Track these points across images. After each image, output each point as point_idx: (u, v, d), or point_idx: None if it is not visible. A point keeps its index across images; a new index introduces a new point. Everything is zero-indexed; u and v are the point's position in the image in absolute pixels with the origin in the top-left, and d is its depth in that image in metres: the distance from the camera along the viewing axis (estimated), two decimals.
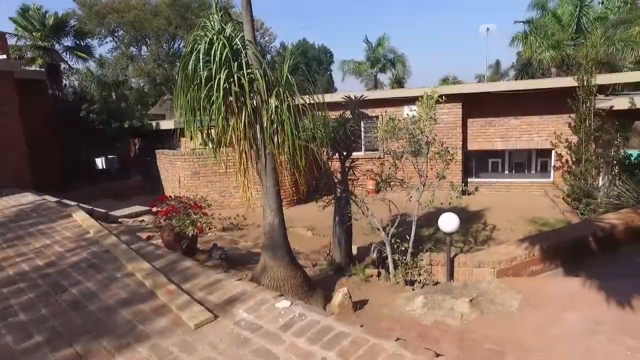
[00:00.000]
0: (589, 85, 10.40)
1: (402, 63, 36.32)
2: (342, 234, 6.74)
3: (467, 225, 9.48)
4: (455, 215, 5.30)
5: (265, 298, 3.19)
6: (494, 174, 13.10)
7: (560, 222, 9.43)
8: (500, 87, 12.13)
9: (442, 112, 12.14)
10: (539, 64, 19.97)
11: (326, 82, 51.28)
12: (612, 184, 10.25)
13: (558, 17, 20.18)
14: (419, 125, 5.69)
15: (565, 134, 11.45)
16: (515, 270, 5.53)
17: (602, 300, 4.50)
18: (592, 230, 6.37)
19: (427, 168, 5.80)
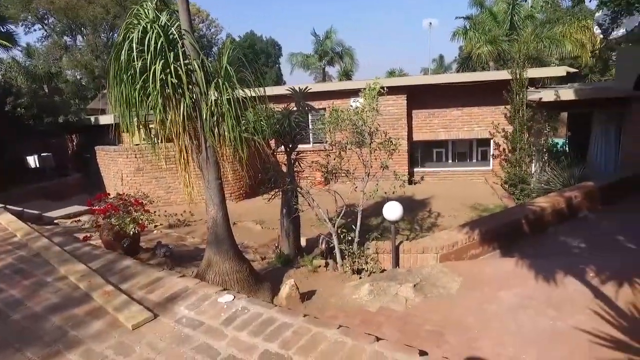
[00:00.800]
0: (521, 78, 11.03)
1: (350, 56, 36.74)
2: (290, 226, 6.74)
3: (413, 213, 9.80)
4: (399, 204, 5.46)
5: (207, 293, 3.12)
6: (439, 163, 13.62)
7: (499, 207, 9.98)
8: (442, 80, 12.60)
9: (387, 104, 12.47)
10: (478, 58, 20.91)
11: (275, 75, 50.81)
12: (542, 170, 10.98)
13: (494, 14, 21.24)
14: (362, 117, 5.78)
15: (502, 124, 12.11)
16: (457, 254, 5.79)
17: (532, 277, 4.83)
18: (525, 214, 6.81)
19: (371, 159, 5.91)
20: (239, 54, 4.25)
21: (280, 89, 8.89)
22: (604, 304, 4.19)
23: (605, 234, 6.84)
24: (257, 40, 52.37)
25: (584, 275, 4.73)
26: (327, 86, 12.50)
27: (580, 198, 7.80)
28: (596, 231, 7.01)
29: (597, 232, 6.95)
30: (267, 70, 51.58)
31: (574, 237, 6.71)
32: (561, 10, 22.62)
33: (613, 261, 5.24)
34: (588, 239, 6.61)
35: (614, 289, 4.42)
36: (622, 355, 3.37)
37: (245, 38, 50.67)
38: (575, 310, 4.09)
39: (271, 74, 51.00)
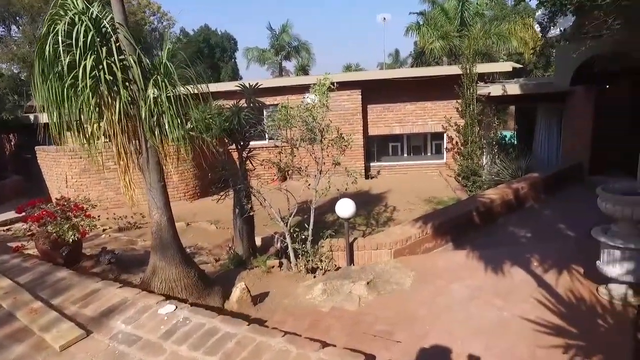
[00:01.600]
0: (471, 73, 11.35)
1: (306, 51, 36.57)
2: (243, 226, 6.58)
3: (369, 208, 9.87)
4: (351, 201, 5.42)
5: (147, 304, 2.94)
6: (395, 157, 13.80)
7: (452, 199, 10.23)
8: (395, 75, 12.75)
9: (342, 99, 12.48)
10: (431, 53, 21.38)
11: (231, 70, 49.73)
12: (493, 162, 11.37)
13: (445, 10, 21.76)
14: (312, 113, 5.67)
15: (454, 118, 12.43)
16: (410, 249, 5.85)
17: (482, 269, 4.96)
18: (476, 206, 7.00)
19: (323, 155, 5.83)
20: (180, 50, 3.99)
21: (230, 85, 8.66)
22: (546, 291, 4.36)
23: (548, 223, 7.16)
24: (212, 34, 51.04)
25: (529, 265, 4.91)
26: (281, 81, 12.33)
27: (527, 189, 8.13)
28: (540, 220, 7.33)
29: (541, 222, 7.27)
30: (222, 66, 50.47)
31: (521, 227, 6.98)
32: (507, 9, 23.54)
33: (555, 249, 5.47)
34: (533, 228, 6.89)
35: (554, 276, 4.61)
36: (561, 341, 3.50)
37: (199, 32, 49.23)
38: (521, 299, 4.22)
39: (227, 69, 49.89)
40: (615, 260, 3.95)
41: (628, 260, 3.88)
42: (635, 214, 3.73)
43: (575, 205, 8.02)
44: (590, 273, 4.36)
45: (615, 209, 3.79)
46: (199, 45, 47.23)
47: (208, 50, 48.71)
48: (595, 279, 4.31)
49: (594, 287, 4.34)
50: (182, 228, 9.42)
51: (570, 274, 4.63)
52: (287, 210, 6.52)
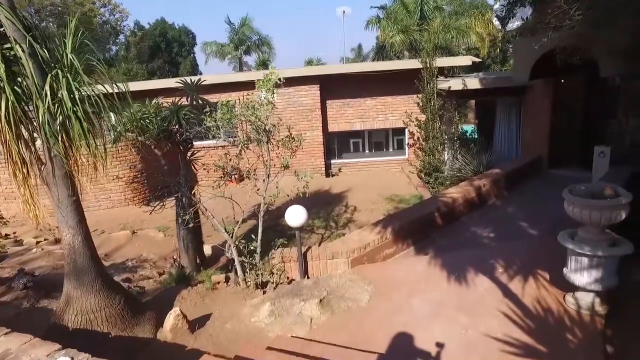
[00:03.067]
0: (431, 67, 11.10)
1: (267, 45, 35.71)
2: (188, 236, 5.97)
3: (329, 208, 9.44)
4: (302, 209, 4.93)
5: (35, 358, 2.34)
6: (356, 153, 13.43)
7: (415, 197, 9.96)
8: (354, 69, 12.33)
9: (300, 95, 11.97)
10: (392, 47, 21.18)
11: (190, 65, 48.09)
12: (454, 158, 11.19)
13: (405, 4, 21.58)
14: (255, 112, 5.08)
15: (415, 113, 12.17)
16: (369, 256, 5.44)
17: (444, 279, 4.59)
18: (437, 206, 6.68)
19: (270, 158, 5.28)
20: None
21: (171, 81, 7.95)
22: (512, 302, 4.04)
23: (510, 220, 6.95)
24: (169, 28, 49.13)
25: (494, 272, 4.59)
26: (229, 77, 11.58)
27: (489, 186, 7.92)
28: (503, 218, 7.11)
29: (504, 219, 7.05)
30: (181, 60, 48.71)
31: (484, 226, 6.72)
32: (466, 4, 23.72)
33: (519, 252, 5.21)
34: (496, 227, 6.65)
35: (520, 284, 4.31)
36: None
37: (155, 25, 47.22)
38: (487, 314, 3.88)
39: (186, 64, 48.22)
40: (582, 268, 3.66)
41: (596, 268, 3.60)
42: (603, 218, 3.43)
43: (537, 200, 7.90)
44: (556, 278, 4.07)
45: (583, 213, 3.49)
46: (155, 39, 45.38)
47: (165, 45, 46.91)
48: (561, 285, 4.03)
49: (560, 294, 4.07)
50: (128, 237, 8.68)
51: (536, 281, 4.34)
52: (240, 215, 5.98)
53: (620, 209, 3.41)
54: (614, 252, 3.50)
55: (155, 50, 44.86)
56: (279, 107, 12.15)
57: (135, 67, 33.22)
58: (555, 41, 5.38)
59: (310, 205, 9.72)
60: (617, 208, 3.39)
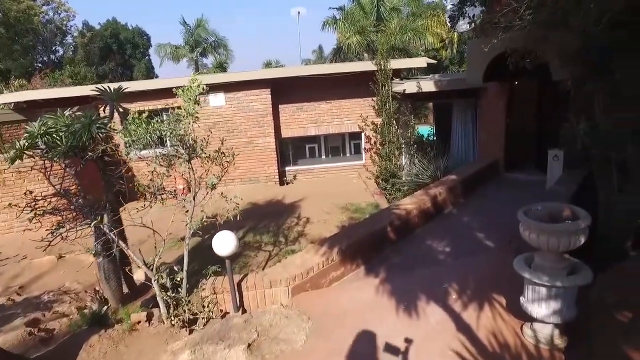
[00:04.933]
0: (385, 69, 10.72)
1: (224, 47, 34.80)
2: (109, 266, 5.20)
3: (280, 220, 8.83)
4: (232, 235, 4.29)
5: None
6: (312, 159, 12.88)
7: (371, 205, 9.52)
8: (307, 72, 11.77)
9: (251, 100, 11.33)
10: (349, 48, 20.87)
11: (145, 68, 46.22)
12: (411, 163, 10.86)
13: (362, 5, 21.31)
14: (172, 127, 4.34)
15: (371, 117, 11.78)
16: (313, 281, 4.88)
17: (393, 308, 4.10)
18: (390, 220, 6.21)
19: (194, 176, 4.58)
20: None
21: (85, 89, 7.10)
22: (466, 337, 3.58)
23: (467, 231, 6.59)
24: (122, 29, 47.03)
25: (447, 299, 4.14)
26: (162, 83, 10.64)
27: (445, 194, 7.56)
28: (459, 229, 6.74)
29: (461, 230, 6.68)
30: (135, 63, 46.69)
31: (439, 239, 6.33)
32: (423, 5, 23.72)
33: (475, 270, 4.81)
34: (453, 239, 6.27)
35: (475, 313, 3.87)
36: None
37: (106, 26, 45.03)
38: (438, 353, 3.40)
39: (140, 66, 46.29)
40: (540, 299, 3.24)
41: (554, 299, 3.19)
42: (562, 245, 3.02)
43: (493, 206, 7.62)
44: (513, 303, 3.66)
45: (540, 240, 3.06)
46: (107, 40, 43.24)
47: (118, 47, 44.82)
48: (518, 312, 3.61)
49: (518, 324, 3.66)
50: (52, 263, 7.75)
51: (492, 308, 3.91)
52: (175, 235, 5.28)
53: (579, 233, 3.00)
54: (574, 282, 3.10)
55: (106, 52, 42.75)
56: (228, 113, 11.50)
57: (83, 70, 31.31)
58: (506, 42, 5.04)
59: (261, 218, 9.16)
60: (576, 233, 2.99)
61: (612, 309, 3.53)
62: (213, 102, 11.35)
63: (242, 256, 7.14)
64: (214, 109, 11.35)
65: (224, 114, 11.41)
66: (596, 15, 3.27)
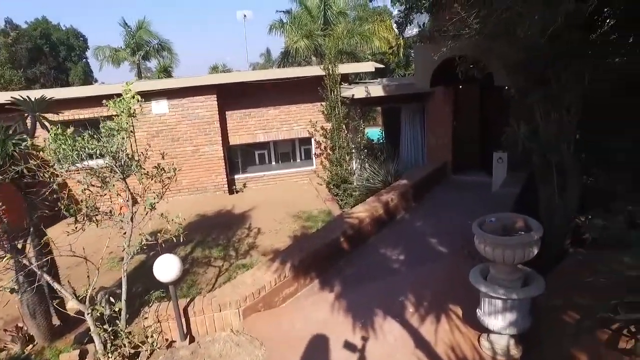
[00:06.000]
0: (333, 74, 10.65)
1: (168, 50, 33.38)
2: (35, 297, 4.65)
3: (230, 233, 8.46)
4: (176, 259, 3.93)
5: None
6: (262, 166, 12.55)
7: (323, 213, 9.38)
8: (254, 77, 11.44)
9: (196, 106, 10.84)
10: (297, 52, 20.73)
11: (82, 72, 43.48)
12: (362, 167, 10.85)
13: (308, 8, 21.22)
14: (101, 143, 3.89)
15: (321, 122, 11.65)
16: (266, 301, 4.63)
17: (349, 327, 3.95)
18: (343, 230, 6.08)
19: (129, 196, 4.18)
20: None
21: (6, 95, 6.42)
22: (425, 354, 3.50)
23: (420, 237, 6.59)
24: (54, 29, 43.97)
25: (404, 313, 4.05)
26: (105, 89, 9.87)
27: (397, 200, 7.55)
28: (413, 235, 6.74)
29: (414, 236, 6.68)
30: (71, 66, 43.81)
31: (393, 247, 6.28)
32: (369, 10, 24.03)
33: (431, 279, 4.78)
34: (406, 246, 6.24)
35: (433, 327, 3.80)
36: None
37: (34, 25, 41.87)
38: None
39: (77, 70, 43.49)
40: (497, 312, 3.21)
41: (510, 311, 3.17)
42: (516, 257, 3.00)
43: (444, 210, 7.72)
44: (470, 313, 3.62)
45: (496, 253, 3.02)
46: (36, 41, 40.18)
47: (50, 48, 41.79)
48: (474, 323, 3.58)
49: (475, 336, 3.62)
50: None
51: (449, 319, 3.86)
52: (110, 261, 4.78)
53: (532, 245, 3.00)
54: (528, 293, 3.09)
55: (36, 54, 39.68)
56: (172, 121, 10.91)
57: (8, 73, 28.83)
58: (455, 50, 5.07)
59: (210, 230, 8.73)
60: (530, 245, 2.98)
61: (559, 311, 3.59)
62: (156, 109, 10.74)
63: (190, 274, 6.73)
64: (157, 117, 10.75)
65: (168, 122, 10.83)
66: (539, 28, 3.30)
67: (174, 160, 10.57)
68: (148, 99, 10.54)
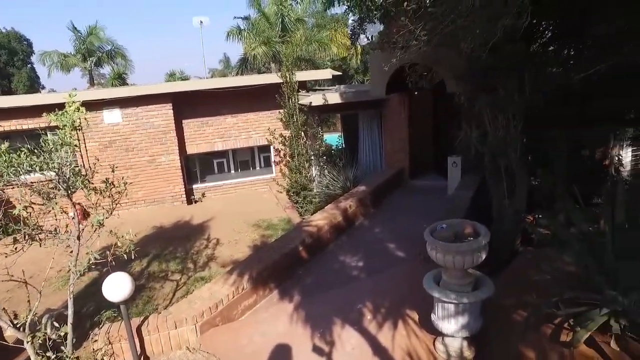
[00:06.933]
0: (291, 82, 10.66)
1: (122, 56, 32.20)
2: None
3: (189, 245, 8.25)
4: (127, 276, 3.77)
5: None
6: (221, 175, 12.35)
7: (283, 221, 9.33)
8: (210, 85, 11.25)
9: (151, 116, 10.53)
10: (255, 59, 20.62)
11: (27, 78, 41.17)
12: (322, 174, 10.90)
13: (266, 15, 21.16)
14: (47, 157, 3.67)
15: (279, 129, 11.61)
16: (224, 315, 4.53)
17: (308, 338, 3.94)
18: (302, 239, 6.06)
19: (76, 213, 3.98)
20: None
21: None
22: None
23: (379, 243, 6.69)
24: None
25: (362, 320, 4.08)
26: (51, 98, 9.35)
27: (355, 206, 7.63)
28: (371, 241, 6.83)
29: (372, 242, 6.77)
30: (14, 72, 41.38)
31: (352, 254, 6.33)
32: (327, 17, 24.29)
33: (388, 285, 4.85)
34: (365, 252, 6.31)
35: (390, 333, 3.85)
36: None
37: None
38: None
39: (21, 76, 41.11)
40: (450, 316, 3.30)
41: (462, 315, 3.27)
42: (466, 262, 3.10)
43: (402, 216, 7.87)
44: (425, 317, 3.70)
45: (447, 259, 3.11)
46: None
47: None
48: (430, 327, 3.66)
49: (431, 340, 3.71)
50: None
51: (406, 325, 3.93)
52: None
53: (481, 250, 3.11)
54: (479, 296, 3.20)
55: None
56: (126, 131, 10.53)
57: None
58: (406, 60, 5.20)
59: (167, 242, 8.46)
60: (478, 250, 3.09)
61: (509, 310, 3.75)
62: (108, 118, 10.33)
63: (145, 289, 6.50)
64: (110, 127, 10.34)
65: (122, 132, 10.45)
66: (481, 40, 3.45)
67: (128, 171, 10.39)
68: (100, 108, 10.16)
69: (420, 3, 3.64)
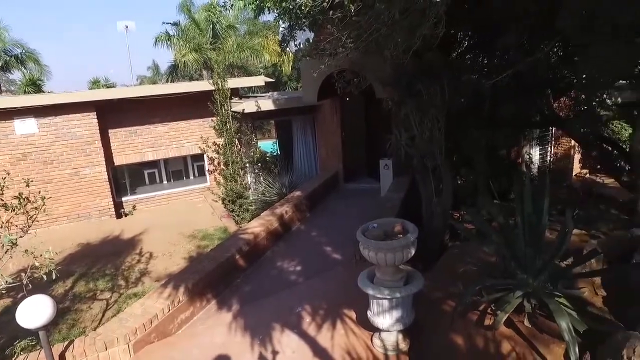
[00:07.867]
0: (223, 89, 10.50)
1: (35, 61, 29.63)
2: None
3: (119, 260, 7.81)
4: (47, 299, 3.48)
5: None
6: (153, 186, 11.80)
7: (219, 230, 9.15)
8: (137, 93, 10.73)
9: (72, 125, 9.84)
10: (185, 66, 20.05)
11: None
12: (257, 181, 10.84)
13: (197, 22, 20.65)
14: None
15: (212, 137, 11.35)
16: (159, 330, 4.35)
17: (247, 347, 3.90)
18: (239, 247, 5.98)
19: None
20: None
21: None
22: None
23: (315, 247, 6.79)
24: None
25: (301, 324, 4.12)
26: None
27: (291, 212, 7.68)
28: (308, 246, 6.91)
29: (309, 247, 6.85)
30: None
31: (289, 259, 6.36)
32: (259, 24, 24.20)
33: (325, 287, 4.95)
34: (303, 257, 6.36)
35: (329, 334, 3.93)
36: None
37: None
38: None
39: None
40: (385, 311, 3.45)
41: (396, 309, 3.43)
42: (397, 259, 3.26)
43: (337, 219, 8.07)
44: (363, 315, 3.81)
45: (379, 256, 3.25)
46: None
47: None
48: (367, 324, 3.78)
49: (368, 336, 3.83)
50: None
51: (344, 324, 4.03)
52: None
53: (410, 246, 3.29)
54: (410, 290, 3.37)
55: None
56: (43, 142, 9.73)
57: None
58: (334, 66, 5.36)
59: (95, 260, 7.93)
60: (408, 246, 3.26)
61: (439, 301, 3.99)
62: (20, 129, 9.48)
63: (70, 312, 6.05)
64: (23, 138, 9.50)
65: (38, 143, 9.63)
66: (403, 48, 3.67)
67: (48, 185, 9.61)
68: (10, 118, 9.31)
69: (346, 12, 3.78)
